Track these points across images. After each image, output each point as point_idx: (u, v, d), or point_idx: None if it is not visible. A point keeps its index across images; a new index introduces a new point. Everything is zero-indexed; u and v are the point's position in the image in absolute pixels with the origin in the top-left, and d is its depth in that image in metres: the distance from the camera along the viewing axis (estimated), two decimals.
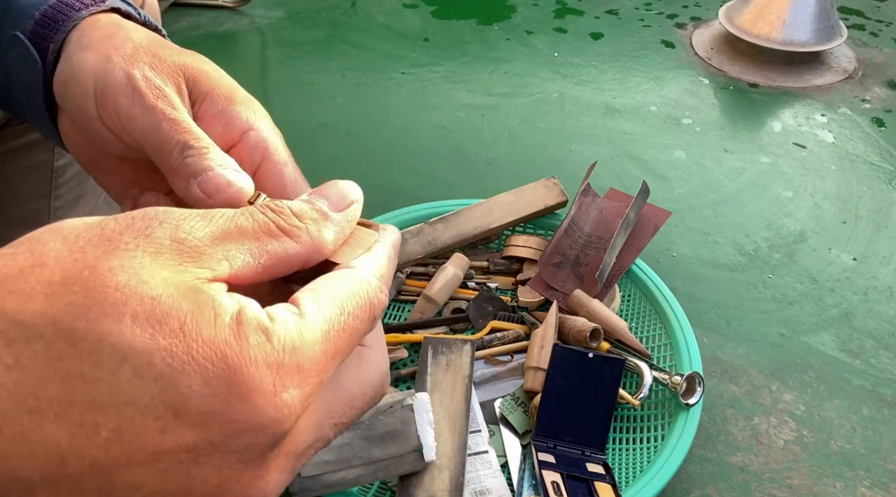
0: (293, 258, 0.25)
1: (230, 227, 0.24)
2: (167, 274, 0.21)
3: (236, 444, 0.21)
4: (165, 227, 0.23)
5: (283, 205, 0.26)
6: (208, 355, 0.21)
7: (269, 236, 0.25)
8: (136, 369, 0.20)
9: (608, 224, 0.91)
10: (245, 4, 1.56)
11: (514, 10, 1.59)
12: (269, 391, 0.21)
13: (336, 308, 0.24)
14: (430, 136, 1.22)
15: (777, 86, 1.36)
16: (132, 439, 0.20)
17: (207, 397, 0.20)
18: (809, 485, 0.74)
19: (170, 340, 0.20)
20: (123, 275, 0.21)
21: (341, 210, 0.28)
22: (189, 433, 0.20)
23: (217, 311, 0.22)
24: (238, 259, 0.24)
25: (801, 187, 1.12)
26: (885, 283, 0.96)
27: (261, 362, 0.21)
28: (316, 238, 0.26)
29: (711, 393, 0.82)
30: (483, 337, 0.82)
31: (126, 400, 0.20)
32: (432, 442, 0.64)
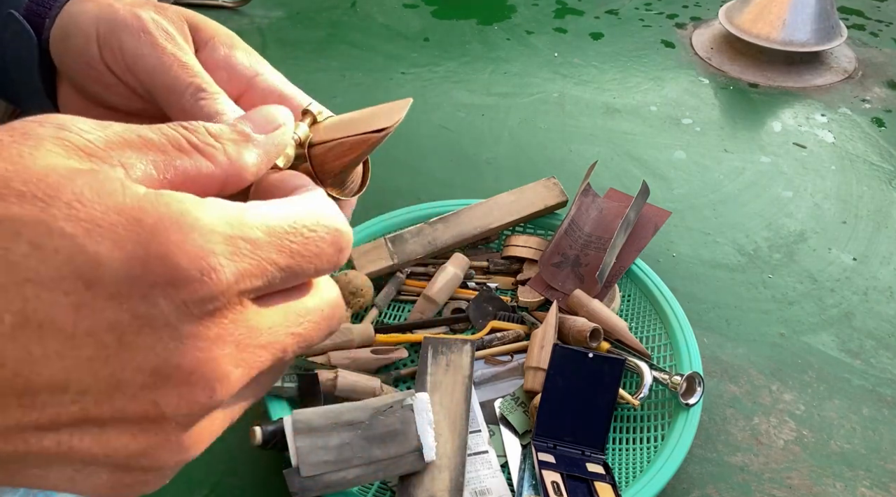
0: (207, 178, 0.23)
1: (130, 136, 0.21)
2: (53, 159, 0.19)
3: (164, 314, 0.19)
4: (47, 126, 0.20)
5: (197, 124, 0.23)
6: (116, 220, 0.18)
7: (179, 151, 0.22)
8: (32, 241, 0.18)
9: (608, 224, 0.91)
10: (245, 4, 1.56)
11: (514, 10, 1.59)
12: (193, 252, 0.19)
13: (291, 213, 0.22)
14: (430, 136, 1.22)
15: (777, 86, 1.36)
16: (42, 321, 0.18)
17: (122, 261, 0.18)
18: (809, 485, 0.74)
19: (66, 210, 0.18)
20: (2, 163, 0.18)
21: (267, 132, 0.25)
22: (107, 306, 0.18)
23: (124, 184, 0.19)
24: (138, 169, 0.21)
25: (801, 187, 1.12)
26: (885, 283, 0.96)
27: (185, 225, 0.19)
28: (235, 159, 0.24)
29: (711, 393, 0.82)
30: (483, 337, 0.82)
31: (26, 276, 0.17)
32: (432, 442, 0.64)
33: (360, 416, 0.63)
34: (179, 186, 0.22)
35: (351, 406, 0.63)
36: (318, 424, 0.61)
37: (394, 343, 0.82)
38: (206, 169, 0.23)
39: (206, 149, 0.23)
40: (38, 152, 0.19)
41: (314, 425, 0.61)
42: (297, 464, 0.60)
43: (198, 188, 0.23)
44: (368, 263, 0.87)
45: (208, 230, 0.19)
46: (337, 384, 0.72)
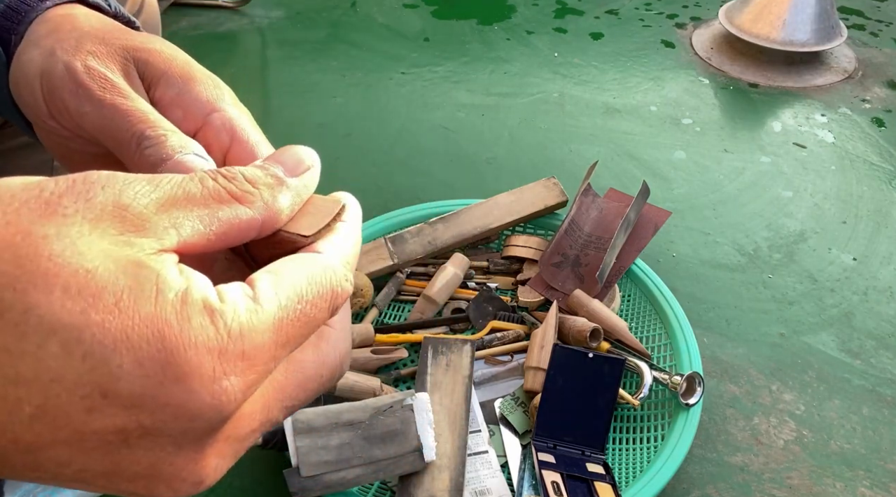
0: (247, 225, 0.24)
1: (178, 193, 0.22)
2: (107, 245, 0.20)
3: (170, 429, 0.20)
4: (108, 192, 0.21)
5: (234, 170, 0.24)
6: (144, 334, 0.19)
7: (220, 203, 0.23)
8: (64, 345, 0.19)
9: (608, 224, 0.91)
10: (245, 4, 1.56)
11: (514, 10, 1.59)
12: (207, 376, 0.20)
13: (294, 295, 0.23)
14: (430, 136, 1.22)
15: (777, 86, 1.36)
16: (57, 417, 0.19)
17: (139, 378, 0.19)
18: (809, 485, 0.74)
19: (103, 316, 0.19)
20: (58, 244, 0.19)
21: (297, 175, 0.26)
22: (118, 414, 0.19)
23: (160, 287, 0.20)
24: (187, 227, 0.22)
25: (801, 187, 1.12)
26: (885, 283, 0.96)
27: (201, 346, 0.20)
28: (270, 204, 0.25)
29: (711, 393, 0.82)
30: (483, 337, 0.82)
31: (52, 376, 0.19)
32: (432, 442, 0.64)
33: (360, 416, 0.63)
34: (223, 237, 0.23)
35: (351, 406, 0.63)
36: (318, 424, 0.61)
37: (394, 343, 0.82)
38: (246, 216, 0.24)
39: (245, 197, 0.24)
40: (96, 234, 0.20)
41: (314, 425, 0.61)
42: (297, 464, 0.60)
43: (240, 234, 0.24)
44: (368, 263, 0.87)
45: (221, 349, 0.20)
46: (337, 384, 0.72)
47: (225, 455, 0.22)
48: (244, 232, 0.24)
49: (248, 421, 0.23)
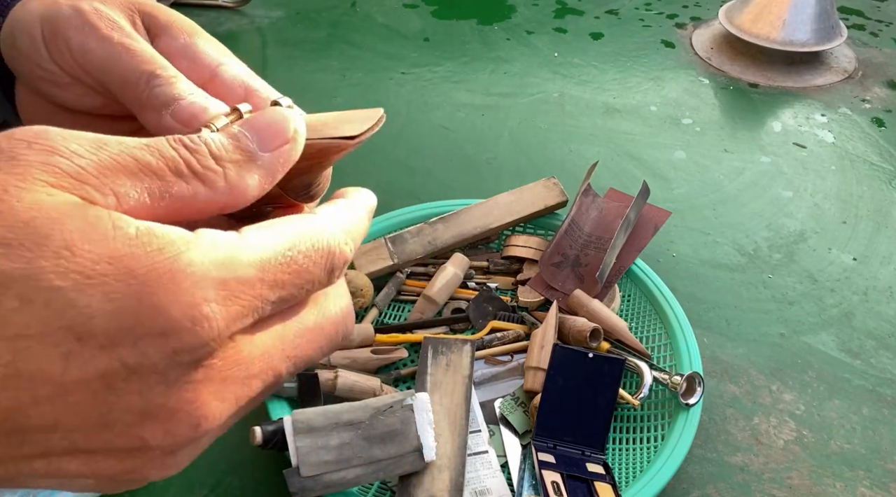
0: (204, 204, 0.22)
1: (125, 159, 0.20)
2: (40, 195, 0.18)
3: (153, 364, 0.19)
4: (36, 149, 0.19)
5: (200, 141, 0.22)
6: (107, 270, 0.18)
7: (176, 176, 0.21)
8: (21, 296, 0.17)
9: (608, 224, 0.91)
10: (245, 4, 1.56)
11: (514, 10, 1.59)
12: (184, 302, 0.19)
13: (285, 242, 0.21)
14: (430, 136, 1.22)
15: (777, 86, 1.36)
16: (33, 373, 0.18)
17: (113, 314, 0.18)
18: (809, 485, 0.74)
19: (54, 261, 0.18)
20: None
21: (272, 150, 0.24)
22: (98, 356, 0.18)
23: (116, 224, 0.19)
24: (131, 196, 0.20)
25: (801, 187, 1.12)
26: (885, 283, 0.96)
27: (177, 272, 0.19)
28: (235, 184, 0.22)
29: (711, 393, 0.82)
30: (483, 337, 0.82)
31: (16, 331, 0.17)
32: (432, 442, 0.64)
33: (360, 416, 0.63)
34: (175, 213, 0.21)
35: (351, 406, 0.63)
36: (318, 424, 0.61)
37: (394, 343, 0.82)
38: (204, 196, 0.22)
39: (206, 174, 0.22)
40: (25, 184, 0.18)
41: (314, 425, 0.61)
42: (297, 464, 0.60)
43: (193, 212, 0.22)
44: (368, 263, 0.87)
45: (200, 276, 0.19)
46: (337, 384, 0.72)
47: (224, 397, 0.21)
48: (199, 210, 0.22)
49: (246, 364, 0.21)
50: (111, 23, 0.30)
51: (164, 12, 0.32)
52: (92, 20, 0.30)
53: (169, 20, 0.32)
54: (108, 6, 0.31)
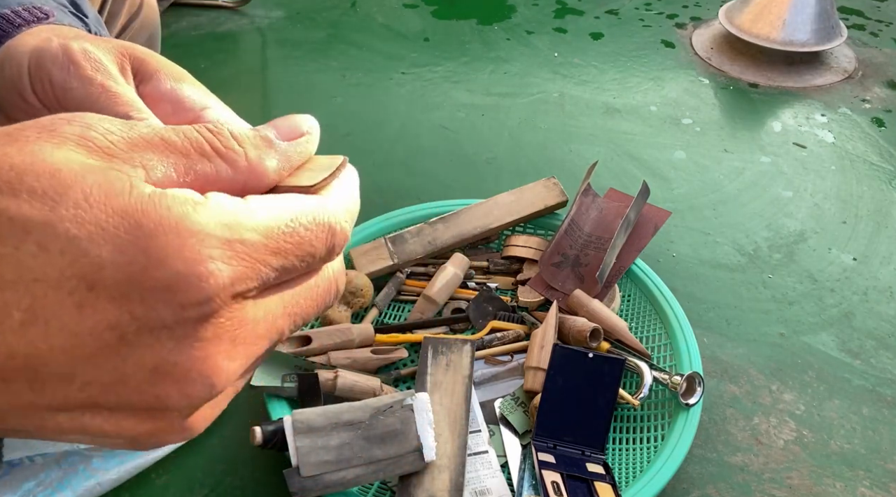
0: (226, 182, 0.23)
1: (153, 137, 0.22)
2: (71, 153, 0.20)
3: (162, 317, 0.20)
4: (74, 125, 0.21)
5: (221, 126, 0.24)
6: (119, 224, 0.19)
7: (200, 155, 0.23)
8: (40, 243, 0.18)
9: (608, 224, 0.91)
10: (245, 4, 1.56)
11: (514, 10, 1.59)
12: (190, 258, 0.19)
13: (288, 213, 0.22)
14: (430, 136, 1.22)
15: (777, 86, 1.36)
16: (48, 319, 0.19)
17: (122, 265, 0.19)
18: (809, 485, 0.74)
19: (74, 211, 0.19)
20: (19, 157, 0.19)
21: (290, 140, 0.25)
22: (108, 307, 0.19)
23: (133, 183, 0.20)
24: (158, 171, 0.21)
25: (801, 187, 1.12)
26: (885, 283, 0.96)
27: (183, 230, 0.20)
28: (255, 164, 0.24)
29: (711, 393, 0.82)
30: (483, 337, 0.82)
31: (34, 276, 0.18)
32: (432, 442, 0.64)
33: (360, 416, 0.63)
34: (198, 190, 0.22)
35: (351, 406, 0.63)
36: (318, 424, 0.61)
37: (394, 343, 0.82)
38: (226, 173, 0.23)
39: (228, 154, 0.23)
40: (59, 150, 0.20)
41: (314, 425, 0.61)
42: (297, 464, 0.60)
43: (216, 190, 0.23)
44: (368, 263, 0.87)
45: (206, 234, 0.20)
46: (337, 384, 0.72)
47: (235, 357, 0.22)
48: (221, 189, 0.23)
49: (253, 325, 0.22)
50: (96, 64, 0.31)
51: (154, 59, 0.33)
52: (77, 59, 0.31)
53: (157, 66, 0.33)
54: (99, 48, 0.32)
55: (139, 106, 0.30)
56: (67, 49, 0.31)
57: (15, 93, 0.32)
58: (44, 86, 0.31)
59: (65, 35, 0.33)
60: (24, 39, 0.33)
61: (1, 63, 0.33)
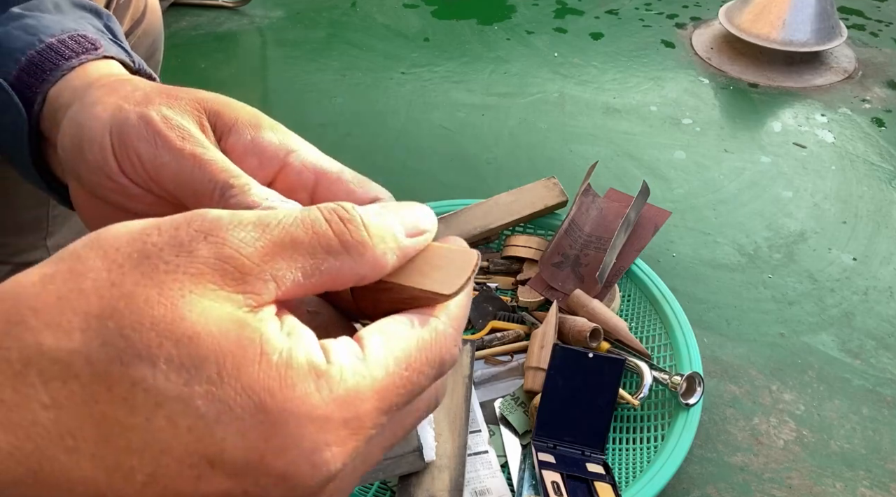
0: (348, 276, 0.23)
1: (285, 238, 0.22)
2: (208, 303, 0.20)
3: (271, 495, 0.21)
4: (211, 243, 0.21)
5: (354, 213, 0.23)
6: (246, 404, 0.20)
7: (326, 253, 0.22)
8: (170, 418, 0.19)
9: (608, 224, 0.91)
10: (245, 4, 1.56)
11: (514, 10, 1.59)
12: (307, 448, 0.20)
13: (403, 360, 0.22)
14: (430, 136, 1.22)
15: (777, 86, 1.36)
16: (167, 485, 0.20)
17: (242, 450, 0.20)
18: (809, 485, 0.74)
19: (206, 387, 0.19)
20: (160, 308, 0.20)
21: (413, 236, 0.25)
22: (224, 482, 0.20)
23: (264, 349, 0.20)
24: (288, 279, 0.22)
25: (801, 187, 1.12)
26: (885, 283, 0.96)
27: (303, 416, 0.20)
28: (379, 258, 0.23)
29: (711, 393, 0.82)
30: (483, 337, 0.82)
31: (161, 448, 0.19)
32: (432, 442, 0.64)
33: None
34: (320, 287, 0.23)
35: None
36: None
37: None
38: (349, 266, 0.23)
39: (356, 247, 0.23)
40: (197, 289, 0.20)
41: None
42: None
43: (336, 285, 0.23)
44: None
45: (325, 420, 0.20)
46: None
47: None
48: (344, 283, 0.23)
49: (351, 477, 0.23)
50: (181, 131, 0.30)
51: (228, 109, 0.32)
52: (162, 131, 0.30)
53: (235, 116, 0.32)
54: (176, 111, 0.31)
55: (235, 171, 0.29)
56: (149, 120, 0.30)
57: (101, 175, 0.31)
58: (133, 165, 0.30)
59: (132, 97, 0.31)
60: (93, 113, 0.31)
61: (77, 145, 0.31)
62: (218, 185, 0.29)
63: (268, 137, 0.31)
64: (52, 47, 0.35)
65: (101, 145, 0.30)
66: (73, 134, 0.31)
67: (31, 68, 0.35)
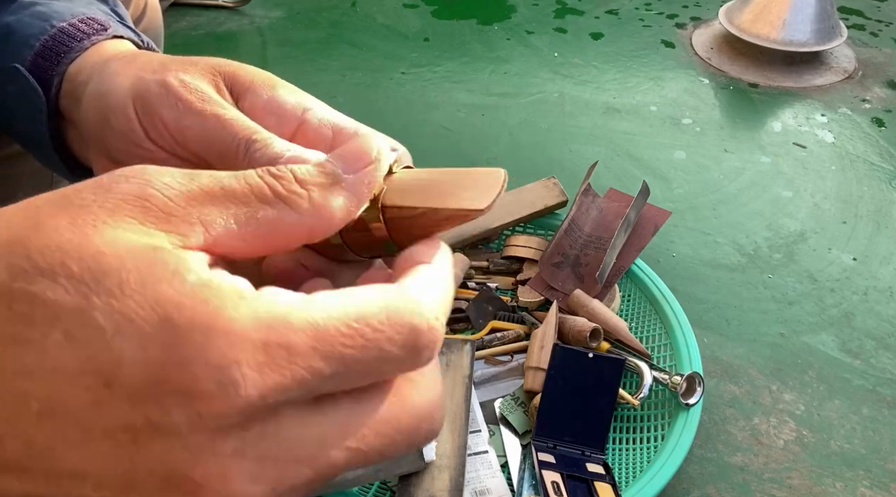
0: (291, 228, 0.22)
1: (214, 187, 0.21)
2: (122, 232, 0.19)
3: (175, 423, 0.18)
4: (133, 183, 0.20)
5: (285, 169, 0.22)
6: (149, 316, 0.18)
7: (261, 202, 0.21)
8: (67, 332, 0.18)
9: (608, 224, 0.91)
10: (245, 4, 1.56)
11: (514, 10, 1.59)
12: (213, 362, 0.18)
13: (356, 312, 0.20)
14: (430, 136, 1.22)
15: (777, 86, 1.36)
16: (64, 413, 0.18)
17: (141, 365, 0.18)
18: (809, 485, 0.74)
19: (105, 299, 0.18)
20: (68, 234, 0.18)
21: (357, 171, 0.23)
22: (124, 408, 0.18)
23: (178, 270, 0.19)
24: (218, 224, 0.20)
25: (801, 187, 1.12)
26: (885, 283, 0.96)
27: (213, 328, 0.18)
28: (319, 205, 0.22)
29: (711, 393, 0.82)
30: (483, 337, 0.82)
31: (54, 365, 0.18)
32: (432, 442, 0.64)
33: None
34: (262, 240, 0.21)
35: None
36: None
37: None
38: (290, 219, 0.22)
39: (291, 197, 0.22)
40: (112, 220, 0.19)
41: None
42: None
43: (282, 238, 0.22)
44: None
45: (238, 335, 0.18)
46: None
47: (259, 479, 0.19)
48: (289, 235, 0.22)
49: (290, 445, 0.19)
50: (200, 94, 0.30)
51: (244, 72, 0.32)
52: (182, 95, 0.30)
53: (250, 78, 0.32)
54: (193, 75, 0.31)
55: (256, 127, 0.29)
56: (169, 86, 0.30)
57: (128, 142, 0.31)
58: (158, 130, 0.30)
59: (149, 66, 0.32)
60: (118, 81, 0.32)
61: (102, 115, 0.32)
62: (242, 141, 0.29)
63: (284, 96, 0.32)
64: (65, 31, 0.36)
65: (126, 113, 0.31)
66: (97, 106, 0.32)
67: (46, 52, 0.35)
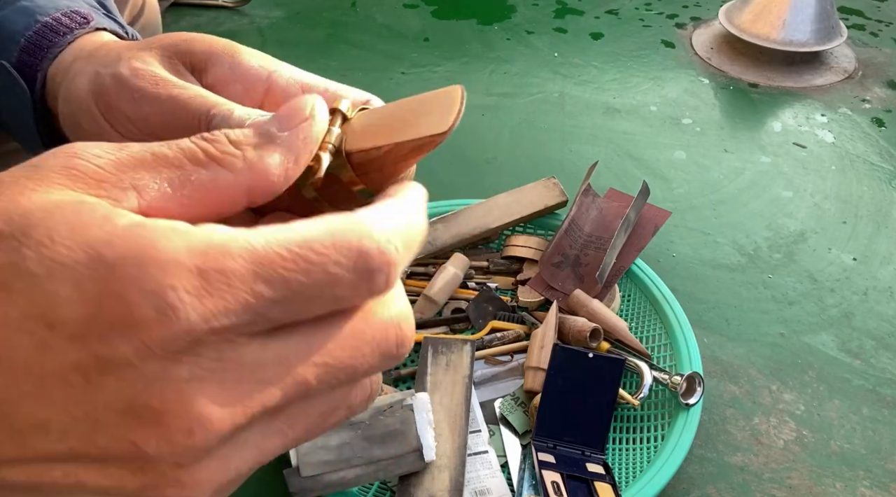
0: (228, 188, 0.22)
1: (144, 154, 0.21)
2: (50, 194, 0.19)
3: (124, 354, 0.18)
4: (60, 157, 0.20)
5: (218, 133, 0.22)
6: (80, 257, 0.18)
7: (195, 165, 0.21)
8: (3, 284, 0.18)
9: (608, 224, 0.91)
10: (245, 4, 1.56)
11: (514, 10, 1.59)
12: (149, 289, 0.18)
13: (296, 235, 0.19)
14: None
15: (777, 86, 1.36)
16: (12, 362, 0.18)
17: (78, 302, 0.18)
18: (809, 485, 0.74)
19: (36, 249, 0.18)
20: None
21: (291, 128, 0.23)
22: (69, 348, 0.18)
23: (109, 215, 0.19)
24: (151, 188, 0.20)
25: (801, 187, 1.12)
26: (885, 283, 0.96)
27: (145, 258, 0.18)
28: (256, 165, 0.22)
29: (711, 393, 0.82)
30: (483, 337, 0.82)
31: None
32: (432, 442, 0.64)
33: (360, 416, 0.63)
34: (201, 202, 0.21)
35: None
36: None
37: None
38: (225, 179, 0.22)
39: (224, 158, 0.22)
40: (40, 187, 0.19)
41: None
42: (297, 464, 0.60)
43: (221, 199, 0.22)
44: None
45: (171, 262, 0.18)
46: None
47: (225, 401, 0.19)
48: (227, 196, 0.22)
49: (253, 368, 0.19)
50: (153, 78, 0.30)
51: (200, 43, 0.32)
52: (136, 85, 0.30)
53: (208, 49, 0.32)
54: (145, 60, 0.31)
55: (215, 100, 0.29)
56: (120, 77, 0.30)
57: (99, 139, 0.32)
58: (122, 123, 0.30)
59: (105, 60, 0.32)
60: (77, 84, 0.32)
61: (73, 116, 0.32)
62: (202, 116, 0.29)
63: (247, 62, 0.32)
64: (48, 25, 0.36)
65: (91, 114, 0.31)
66: (67, 111, 0.33)
67: (31, 48, 0.35)
